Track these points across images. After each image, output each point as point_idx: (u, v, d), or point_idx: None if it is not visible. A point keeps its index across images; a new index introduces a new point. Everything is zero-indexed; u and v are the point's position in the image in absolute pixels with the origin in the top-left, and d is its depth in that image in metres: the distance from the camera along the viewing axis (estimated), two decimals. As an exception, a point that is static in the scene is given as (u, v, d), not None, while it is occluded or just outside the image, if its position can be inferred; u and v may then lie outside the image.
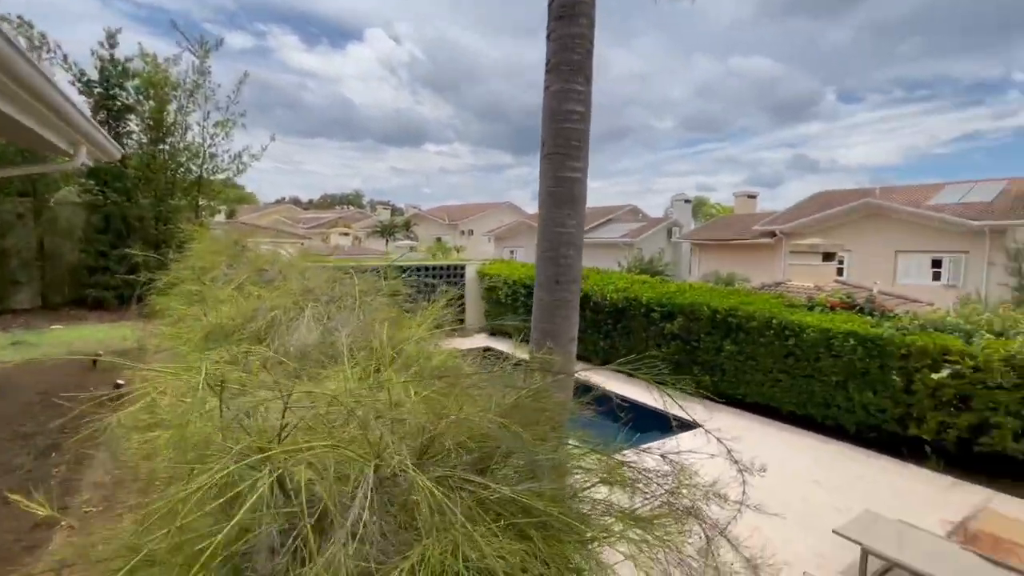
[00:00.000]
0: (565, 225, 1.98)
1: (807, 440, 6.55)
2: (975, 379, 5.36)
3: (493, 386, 1.78)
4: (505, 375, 2.08)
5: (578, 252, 2.06)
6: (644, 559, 1.52)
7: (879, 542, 3.77)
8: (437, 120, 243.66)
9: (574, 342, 2.17)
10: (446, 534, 0.82)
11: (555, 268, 2.01)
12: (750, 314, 7.19)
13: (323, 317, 2.91)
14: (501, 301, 12.44)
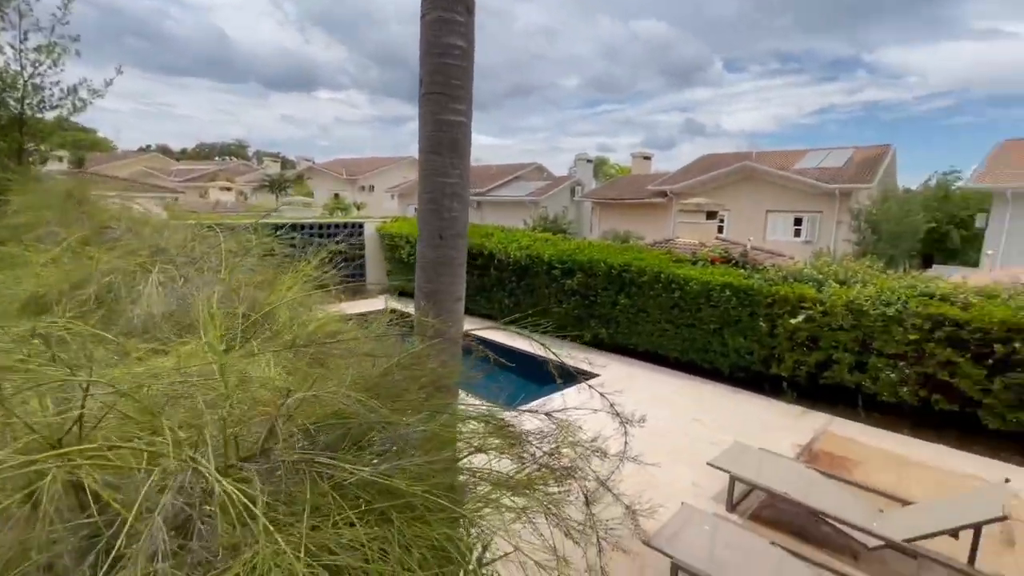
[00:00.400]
0: (448, 175, 1.80)
1: (689, 382, 7.21)
2: (823, 322, 6.17)
3: (371, 354, 1.63)
4: (382, 342, 1.92)
5: (463, 205, 1.90)
6: (517, 526, 1.49)
7: (744, 469, 4.27)
8: (329, 64, 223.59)
9: (460, 302, 2.05)
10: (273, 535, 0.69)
11: (438, 222, 1.84)
12: (641, 269, 7.61)
13: (178, 281, 2.51)
14: (404, 261, 12.01)
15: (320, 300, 2.84)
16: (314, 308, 2.61)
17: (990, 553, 3.70)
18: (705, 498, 4.36)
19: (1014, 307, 5.17)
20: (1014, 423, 5.19)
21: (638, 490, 4.50)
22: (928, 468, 4.95)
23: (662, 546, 3.22)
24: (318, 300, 2.81)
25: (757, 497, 4.39)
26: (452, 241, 1.85)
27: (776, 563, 3.19)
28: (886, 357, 5.84)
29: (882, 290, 5.92)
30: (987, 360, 5.22)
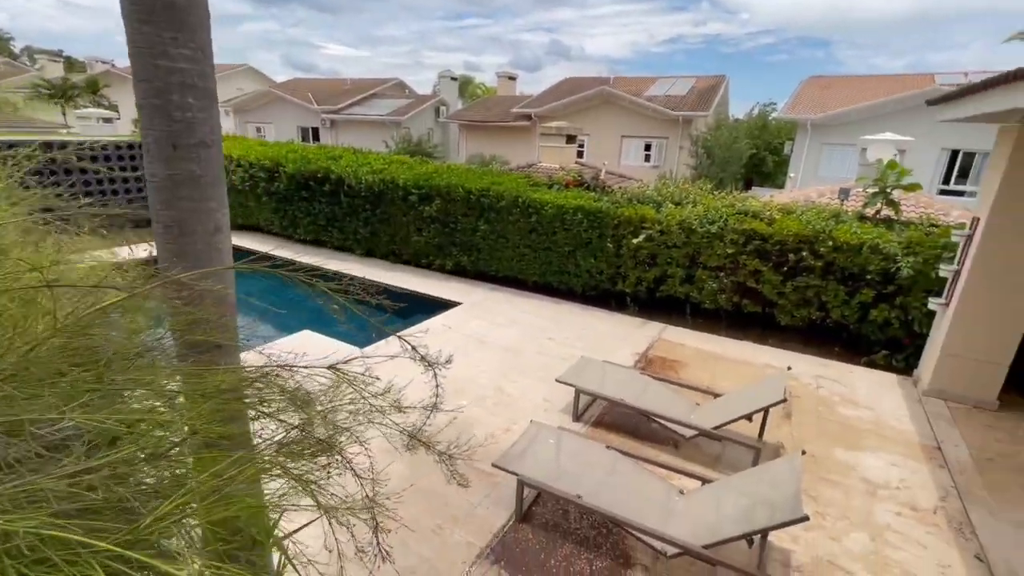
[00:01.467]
0: (170, 55, 1.27)
1: (546, 304, 7.50)
2: (660, 241, 6.69)
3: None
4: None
5: (206, 101, 1.40)
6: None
7: (587, 382, 4.56)
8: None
9: (221, 236, 1.62)
10: None
11: (167, 125, 1.33)
12: (500, 194, 7.46)
13: None
14: (238, 188, 10.39)
15: (88, 244, 2.15)
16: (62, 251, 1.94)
17: (773, 427, 4.50)
18: (555, 411, 4.62)
19: (804, 221, 6.06)
20: (798, 319, 6.27)
21: (496, 411, 4.61)
22: (736, 362, 5.82)
23: (507, 465, 3.31)
24: (82, 244, 2.13)
25: (600, 405, 4.77)
26: (193, 152, 1.36)
27: (611, 464, 3.48)
28: (709, 269, 6.57)
29: (708, 209, 6.54)
30: (783, 268, 6.14)
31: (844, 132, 19.50)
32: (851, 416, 4.77)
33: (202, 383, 1.37)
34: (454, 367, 5.43)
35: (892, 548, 3.23)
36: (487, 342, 6.07)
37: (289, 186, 9.42)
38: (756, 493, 2.89)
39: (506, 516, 3.35)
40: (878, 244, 5.54)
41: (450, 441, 2.57)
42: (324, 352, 5.92)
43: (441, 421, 4.43)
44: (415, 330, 6.39)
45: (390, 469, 3.76)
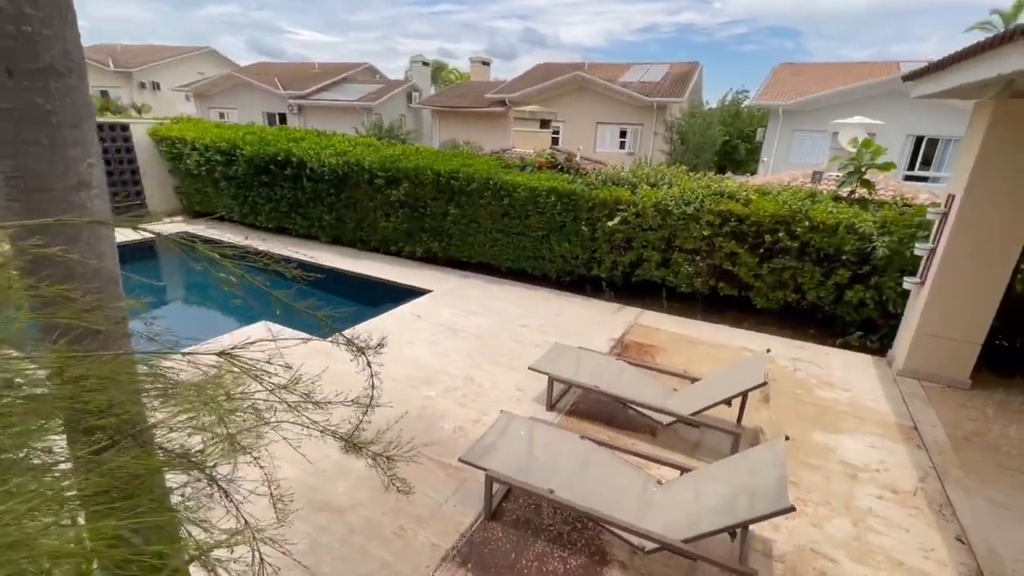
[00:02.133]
0: None
1: (519, 290, 7.27)
2: (636, 223, 6.51)
3: None
4: None
5: (56, 11, 1.07)
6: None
7: (561, 369, 4.35)
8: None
9: (89, 191, 1.31)
10: None
11: None
12: (470, 176, 7.16)
13: None
14: (193, 173, 9.81)
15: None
16: None
17: (752, 411, 4.38)
18: (528, 401, 4.40)
19: (780, 202, 5.95)
20: (774, 302, 6.18)
21: (466, 402, 4.37)
22: (713, 346, 5.70)
23: (474, 460, 3.07)
24: None
25: (575, 393, 4.58)
26: (38, 81, 1.05)
27: (585, 455, 3.28)
28: (685, 252, 6.43)
29: (684, 191, 6.37)
30: (760, 249, 6.03)
31: (814, 119, 19.72)
32: (828, 398, 4.69)
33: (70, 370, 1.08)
34: (421, 355, 5.15)
35: (875, 533, 3.12)
36: (458, 330, 5.81)
37: (248, 170, 8.90)
38: (737, 482, 2.72)
39: (475, 514, 3.13)
40: (854, 224, 5.46)
41: (392, 440, 2.32)
42: (281, 344, 5.46)
43: (410, 413, 4.17)
44: (379, 320, 6.06)
45: (351, 466, 3.50)
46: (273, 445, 3.96)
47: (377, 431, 3.78)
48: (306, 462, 3.49)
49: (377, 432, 3.85)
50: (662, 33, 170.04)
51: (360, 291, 7.62)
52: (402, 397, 4.36)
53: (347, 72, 32.85)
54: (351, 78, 32.81)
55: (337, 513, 3.08)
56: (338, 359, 5.35)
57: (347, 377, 5.02)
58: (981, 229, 4.53)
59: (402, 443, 3.72)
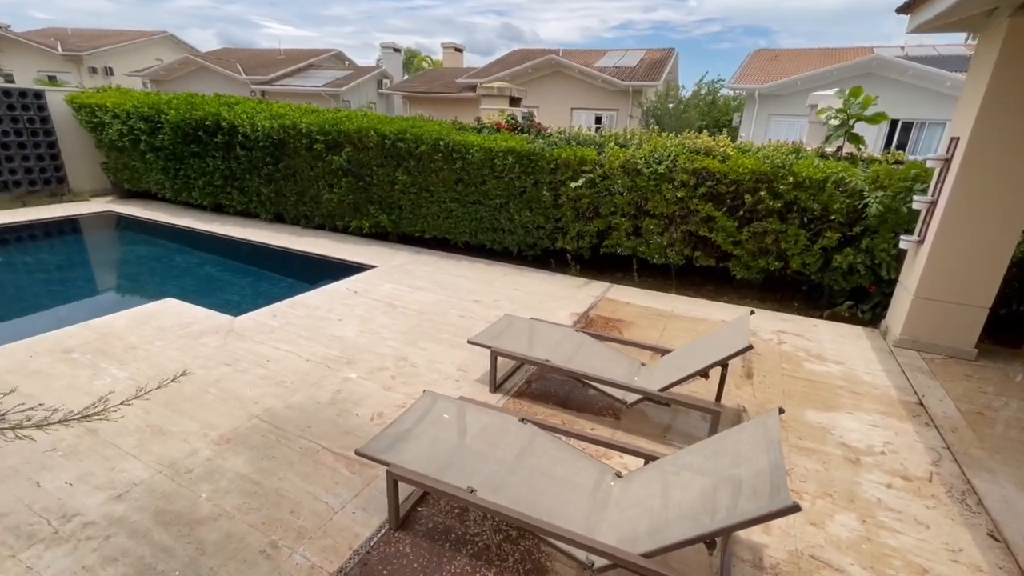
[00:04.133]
0: None
1: (477, 265, 6.51)
2: (603, 187, 5.81)
3: None
4: None
5: None
6: None
7: (507, 343, 3.62)
8: None
9: None
10: None
11: None
12: (418, 137, 6.36)
13: None
14: (117, 145, 8.78)
15: None
16: None
17: (733, 389, 3.72)
18: (469, 382, 3.66)
19: (761, 157, 5.31)
20: (755, 271, 5.56)
21: (394, 384, 3.61)
22: (688, 319, 5.04)
23: (376, 453, 2.32)
24: None
25: (526, 372, 3.86)
26: None
27: (526, 444, 2.56)
28: (657, 218, 5.75)
29: (655, 148, 5.70)
30: (739, 212, 5.39)
31: (791, 103, 19.41)
32: (820, 372, 4.06)
33: None
34: (350, 335, 4.32)
35: (888, 531, 2.47)
36: (398, 306, 5.03)
37: (175, 139, 7.93)
38: (718, 472, 2.03)
39: (378, 523, 2.38)
40: (843, 178, 4.85)
41: (278, 431, 1.54)
42: (186, 319, 4.59)
43: (320, 399, 3.39)
44: (305, 297, 5.15)
45: (228, 465, 2.73)
46: (123, 438, 3.07)
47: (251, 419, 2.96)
48: (160, 463, 2.69)
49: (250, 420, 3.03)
50: (638, 30, 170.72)
51: (299, 269, 6.78)
52: (314, 380, 3.58)
53: (314, 58, 31.60)
54: (318, 64, 31.58)
55: (189, 528, 2.29)
56: (247, 337, 4.45)
57: (246, 356, 4.02)
58: (990, 176, 3.94)
59: (292, 434, 2.96)
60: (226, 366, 3.72)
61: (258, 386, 3.47)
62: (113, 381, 3.43)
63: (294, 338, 4.23)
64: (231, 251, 7.34)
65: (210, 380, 3.51)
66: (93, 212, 8.71)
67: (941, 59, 19.16)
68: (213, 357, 3.84)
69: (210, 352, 3.91)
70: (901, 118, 18.62)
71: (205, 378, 3.53)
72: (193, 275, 6.85)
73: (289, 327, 4.45)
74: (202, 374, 3.59)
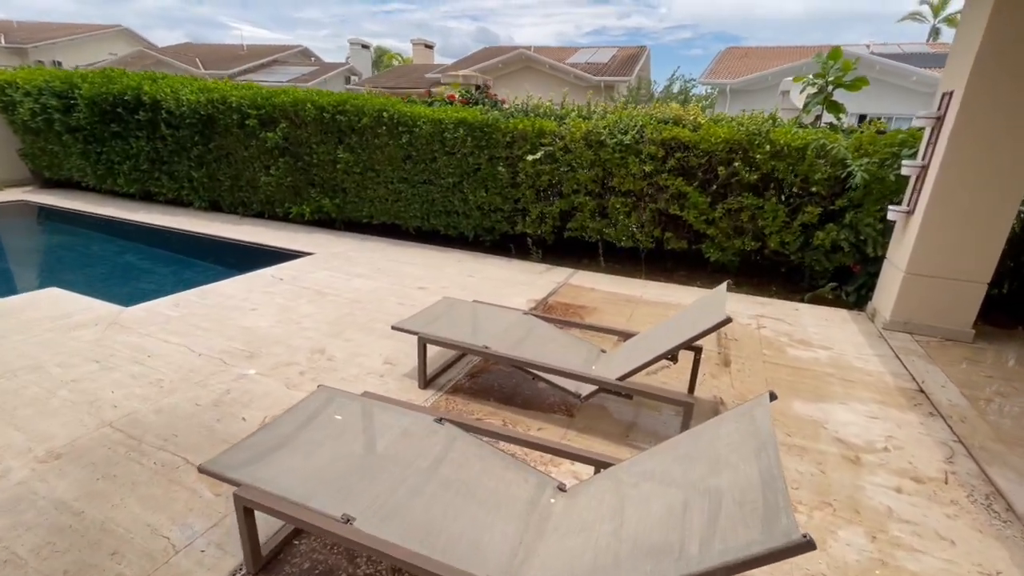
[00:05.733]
0: None
1: (427, 251, 5.88)
2: (564, 161, 5.25)
3: None
4: None
5: None
6: None
7: (441, 329, 3.00)
8: None
9: None
10: None
11: None
12: (360, 108, 5.71)
13: None
14: (31, 127, 7.86)
15: None
16: None
17: (708, 378, 3.17)
18: (396, 377, 3.03)
19: (735, 125, 4.83)
20: (730, 253, 5.07)
21: (302, 382, 2.95)
22: (658, 304, 4.51)
23: (224, 471, 1.68)
24: None
25: (468, 364, 3.25)
26: None
27: (441, 449, 1.95)
28: (624, 196, 5.22)
29: (620, 118, 5.17)
30: (712, 187, 4.89)
31: (761, 98, 19.31)
32: (805, 359, 3.56)
33: None
34: (262, 325, 3.59)
35: (905, 550, 1.94)
36: (328, 294, 4.36)
37: (92, 116, 7.08)
38: (689, 481, 1.45)
39: (232, 566, 1.73)
40: (825, 145, 4.40)
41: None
42: (66, 310, 3.68)
43: (202, 400, 2.71)
44: (221, 285, 4.29)
45: (44, 489, 2.04)
46: None
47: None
48: None
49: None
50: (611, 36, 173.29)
51: (230, 258, 6.02)
52: (199, 378, 2.89)
53: (278, 54, 30.55)
54: (283, 60, 30.53)
55: (-54, 586, 1.60)
56: (133, 330, 3.71)
57: (123, 352, 3.19)
58: (988, 132, 3.51)
59: (150, 445, 2.29)
60: (94, 363, 3.01)
61: (126, 386, 2.77)
62: (-68, 384, 2.69)
63: (191, 330, 3.53)
64: (157, 241, 6.54)
65: (65, 380, 2.80)
66: (2, 202, 7.77)
67: (905, 56, 19.41)
68: (80, 353, 3.11)
69: (78, 347, 3.18)
70: (868, 113, 18.72)
71: (59, 378, 2.82)
72: (107, 263, 6.04)
73: (190, 318, 3.74)
74: (57, 373, 2.87)
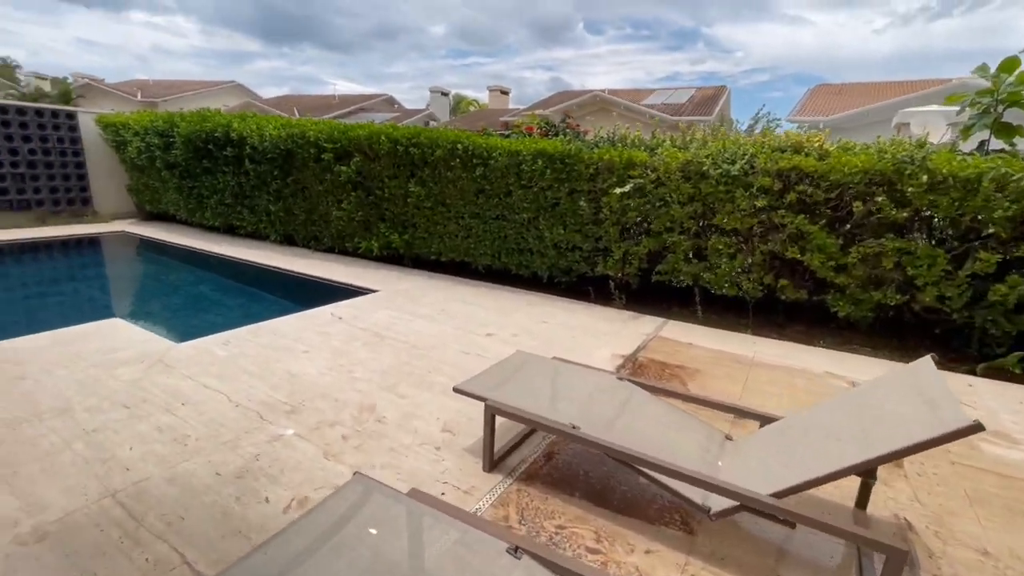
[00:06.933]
0: None
1: (496, 292, 5.36)
2: (656, 195, 4.59)
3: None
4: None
5: None
6: None
7: (513, 395, 2.38)
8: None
9: None
10: None
11: None
12: (433, 140, 5.42)
13: None
14: (137, 164, 8.43)
15: None
16: None
17: (881, 486, 2.29)
18: (455, 451, 2.43)
19: (873, 152, 3.98)
20: (866, 307, 4.10)
21: (345, 448, 2.39)
22: (778, 370, 3.63)
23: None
24: None
25: (544, 440, 2.59)
26: None
27: (517, 598, 1.29)
28: (728, 235, 4.45)
29: (725, 147, 4.47)
30: (844, 225, 4.02)
31: (860, 136, 17.70)
32: (1013, 460, 2.56)
33: None
34: (311, 372, 3.04)
35: None
36: (387, 337, 3.91)
37: (187, 153, 7.42)
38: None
39: None
40: (1008, 175, 3.43)
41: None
42: (117, 343, 3.61)
43: (226, 468, 2.24)
44: (274, 323, 3.84)
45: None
46: None
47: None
48: None
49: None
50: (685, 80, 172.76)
51: (297, 292, 5.85)
52: (229, 436, 2.45)
53: (365, 102, 32.79)
54: (369, 108, 32.65)
55: None
56: (176, 370, 3.33)
57: (158, 396, 2.75)
58: None
59: (149, 530, 1.83)
60: (123, 409, 2.67)
61: (147, 442, 2.37)
62: (-45, 425, 2.43)
63: (235, 374, 3.16)
64: (232, 273, 6.57)
65: (86, 429, 2.45)
66: (105, 232, 8.29)
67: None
68: (113, 396, 2.80)
69: (114, 388, 2.88)
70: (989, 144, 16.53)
71: (82, 425, 2.48)
72: (182, 294, 6.06)
73: (238, 358, 3.40)
74: (82, 419, 2.54)
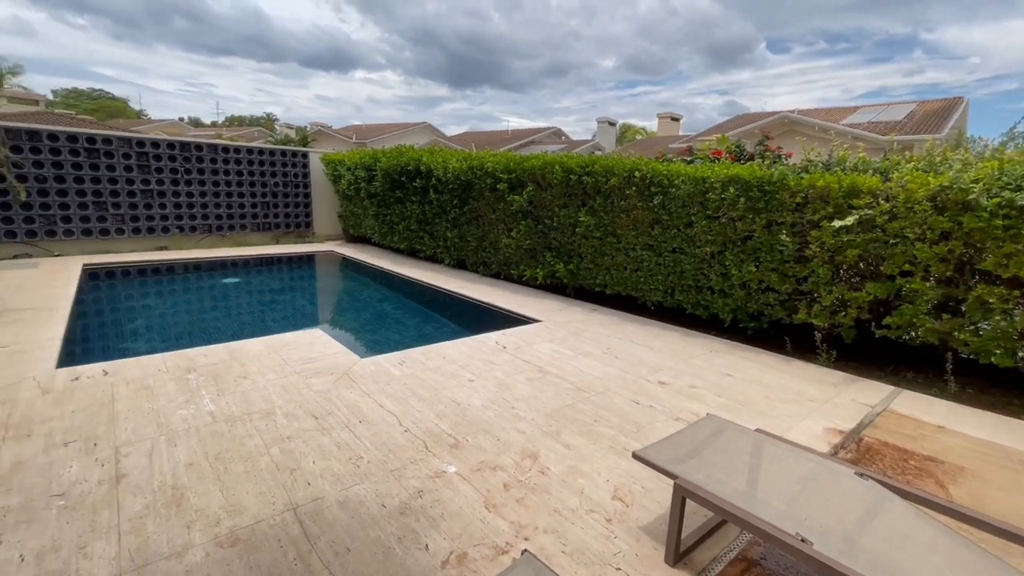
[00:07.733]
0: None
1: (669, 333, 4.82)
2: (891, 230, 3.65)
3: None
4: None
5: None
6: None
7: (710, 473, 1.93)
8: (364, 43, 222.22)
9: None
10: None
11: None
12: (608, 168, 5.18)
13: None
14: (347, 194, 9.87)
15: None
16: None
17: None
18: (629, 529, 2.05)
19: None
20: None
21: (506, 500, 2.19)
22: (1103, 486, 2.48)
23: None
24: None
25: (742, 538, 2.06)
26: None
27: None
28: (1003, 285, 3.31)
29: (1004, 170, 3.37)
30: None
31: None
32: None
33: None
34: (475, 403, 3.00)
35: None
36: (550, 373, 3.70)
37: (384, 184, 8.42)
38: None
39: None
40: None
41: None
42: (315, 353, 4.00)
43: (391, 499, 2.20)
44: (444, 347, 3.93)
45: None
46: (129, 501, 2.20)
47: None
48: (133, 559, 1.78)
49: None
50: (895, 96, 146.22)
51: (466, 315, 6.08)
52: (396, 464, 2.43)
53: (534, 135, 34.57)
54: (539, 140, 34.37)
55: None
56: (358, 385, 3.52)
57: (341, 411, 3.01)
58: None
59: (320, 557, 1.80)
60: (312, 419, 2.87)
61: (327, 457, 2.48)
62: (194, 414, 2.86)
63: (407, 395, 3.24)
64: (410, 292, 7.16)
65: (282, 436, 2.67)
66: (317, 251, 9.81)
67: None
68: (306, 404, 3.05)
69: (307, 398, 3.15)
70: None
71: (280, 431, 2.71)
72: (369, 310, 6.75)
73: (409, 380, 3.50)
74: (280, 425, 2.79)
